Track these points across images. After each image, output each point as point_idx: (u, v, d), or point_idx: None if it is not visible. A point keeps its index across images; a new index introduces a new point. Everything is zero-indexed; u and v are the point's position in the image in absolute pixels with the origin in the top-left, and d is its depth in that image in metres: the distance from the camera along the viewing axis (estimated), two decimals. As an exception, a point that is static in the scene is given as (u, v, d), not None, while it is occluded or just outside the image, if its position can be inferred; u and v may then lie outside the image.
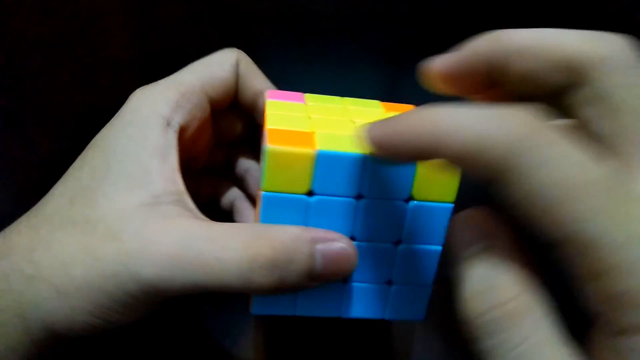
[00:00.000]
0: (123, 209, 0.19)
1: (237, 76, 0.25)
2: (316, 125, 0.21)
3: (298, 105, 0.23)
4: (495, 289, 0.14)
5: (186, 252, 0.18)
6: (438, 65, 0.19)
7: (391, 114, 0.23)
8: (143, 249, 0.18)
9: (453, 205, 0.20)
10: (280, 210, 0.19)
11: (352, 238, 0.20)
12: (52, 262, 0.19)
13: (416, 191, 0.19)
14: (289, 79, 0.28)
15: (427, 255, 0.20)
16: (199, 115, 0.23)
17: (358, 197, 0.19)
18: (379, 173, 0.19)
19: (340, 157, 0.19)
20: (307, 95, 0.25)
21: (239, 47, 0.32)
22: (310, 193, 0.19)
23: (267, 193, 0.19)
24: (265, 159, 0.19)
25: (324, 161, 0.19)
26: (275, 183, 0.19)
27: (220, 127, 0.27)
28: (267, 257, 0.18)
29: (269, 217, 0.20)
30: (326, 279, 0.19)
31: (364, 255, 0.20)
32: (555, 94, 0.16)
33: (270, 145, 0.18)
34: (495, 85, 0.17)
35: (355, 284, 0.21)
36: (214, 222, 0.19)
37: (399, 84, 0.32)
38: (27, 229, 0.20)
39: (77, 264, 0.19)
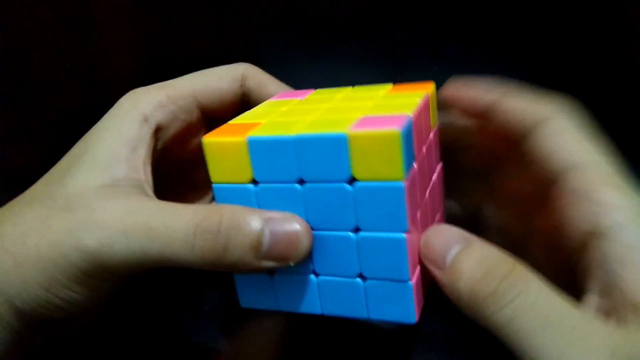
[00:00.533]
0: (83, 187, 0.20)
1: (239, 88, 0.25)
2: (284, 116, 0.21)
3: (291, 101, 0.23)
4: (497, 265, 0.16)
5: (133, 219, 0.18)
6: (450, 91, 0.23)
7: (395, 94, 0.22)
8: (88, 217, 0.19)
9: (403, 183, 0.17)
10: (231, 201, 0.20)
11: None
12: (13, 232, 0.20)
13: (356, 170, 0.18)
14: (289, 79, 0.28)
15: (390, 243, 0.18)
16: (182, 117, 0.24)
17: (300, 182, 0.19)
18: (313, 154, 0.18)
19: (270, 142, 0.18)
20: (317, 90, 0.25)
21: (240, 47, 0.32)
22: (254, 182, 0.19)
23: (216, 184, 0.20)
24: (204, 151, 0.19)
25: (256, 147, 0.19)
26: (221, 174, 0.20)
27: None
28: (213, 222, 0.18)
29: None
30: (275, 258, 0.18)
31: (324, 245, 0.19)
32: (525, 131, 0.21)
33: (205, 138, 0.19)
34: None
35: (326, 278, 0.20)
36: (168, 202, 0.20)
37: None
38: (4, 209, 0.21)
39: (33, 233, 0.19)
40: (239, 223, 0.18)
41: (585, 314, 0.16)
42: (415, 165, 0.18)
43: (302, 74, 0.33)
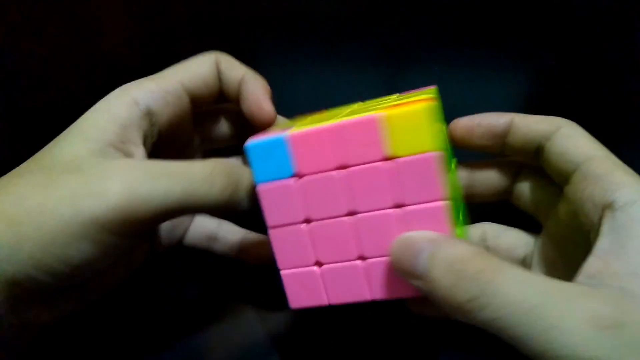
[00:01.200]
0: (76, 154, 0.20)
1: (217, 72, 0.26)
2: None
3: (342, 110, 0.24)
4: (467, 267, 0.17)
5: (155, 168, 0.20)
6: (459, 126, 0.25)
7: (373, 107, 0.22)
8: (112, 168, 0.20)
9: (258, 187, 0.21)
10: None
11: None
12: (6, 198, 0.19)
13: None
14: (290, 80, 0.28)
15: None
16: (173, 102, 0.24)
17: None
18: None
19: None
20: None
21: (240, 48, 0.32)
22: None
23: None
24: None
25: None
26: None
27: (207, 131, 0.28)
28: (224, 168, 0.21)
29: None
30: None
31: None
32: (538, 146, 0.23)
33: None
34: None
35: None
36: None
37: (399, 83, 0.33)
38: None
39: (33, 195, 0.19)
40: (243, 172, 0.22)
41: (565, 286, 0.17)
42: (293, 180, 0.21)
43: (302, 74, 0.33)
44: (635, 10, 0.30)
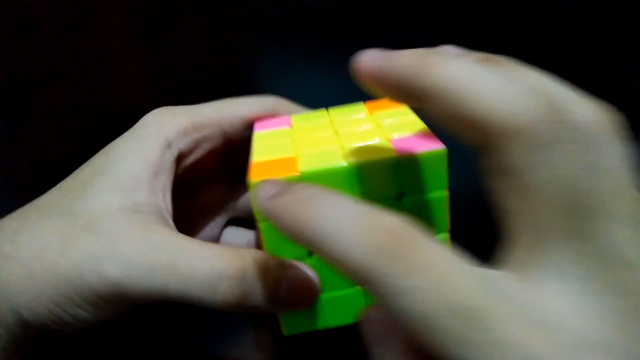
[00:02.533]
0: (104, 208, 0.20)
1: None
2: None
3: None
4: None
5: (158, 255, 0.19)
6: (366, 67, 0.17)
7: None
8: (113, 247, 0.19)
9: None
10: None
11: None
12: (30, 244, 0.20)
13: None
14: (290, 81, 0.28)
15: None
16: (205, 145, 0.24)
17: None
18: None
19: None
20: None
21: (240, 49, 0.32)
22: None
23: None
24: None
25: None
26: None
27: (234, 163, 0.28)
28: (237, 270, 0.19)
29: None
30: (288, 306, 0.19)
31: None
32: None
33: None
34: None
35: None
36: (190, 237, 0.20)
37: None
38: (18, 215, 0.21)
39: (51, 249, 0.19)
40: (261, 272, 0.19)
41: None
42: None
43: (302, 74, 0.33)
44: (635, 10, 0.31)
